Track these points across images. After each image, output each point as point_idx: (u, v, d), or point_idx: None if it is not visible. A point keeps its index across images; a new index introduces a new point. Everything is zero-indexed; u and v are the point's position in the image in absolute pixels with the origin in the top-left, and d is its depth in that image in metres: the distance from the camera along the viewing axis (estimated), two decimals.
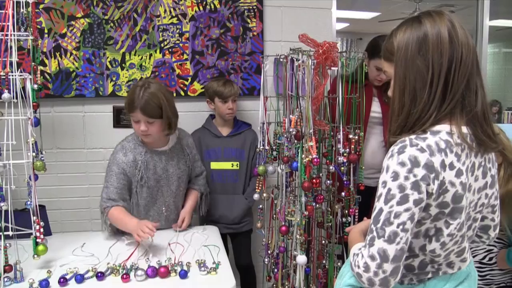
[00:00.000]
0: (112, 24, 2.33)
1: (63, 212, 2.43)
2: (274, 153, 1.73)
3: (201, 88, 2.44)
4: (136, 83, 1.83)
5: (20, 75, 1.41)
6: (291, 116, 1.54)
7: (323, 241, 1.80)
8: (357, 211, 1.69)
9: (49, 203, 2.00)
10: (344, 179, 1.63)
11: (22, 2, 1.52)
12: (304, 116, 1.51)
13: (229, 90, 2.18)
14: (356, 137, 1.64)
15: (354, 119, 1.67)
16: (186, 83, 2.43)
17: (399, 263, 0.86)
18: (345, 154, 1.60)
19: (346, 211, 1.69)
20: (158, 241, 1.71)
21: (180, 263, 1.45)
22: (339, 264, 1.77)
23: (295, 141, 1.54)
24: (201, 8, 2.41)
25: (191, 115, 2.48)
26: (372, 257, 0.86)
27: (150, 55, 2.38)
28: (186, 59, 2.41)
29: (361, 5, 5.50)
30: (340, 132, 1.60)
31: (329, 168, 1.66)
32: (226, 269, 1.46)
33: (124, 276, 1.35)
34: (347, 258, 1.72)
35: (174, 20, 2.39)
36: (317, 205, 1.61)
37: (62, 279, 1.33)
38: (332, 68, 1.55)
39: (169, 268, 1.40)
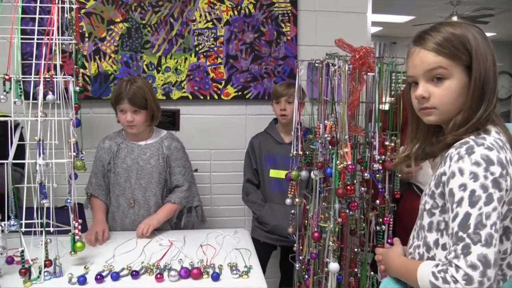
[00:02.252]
0: (149, 29, 2.39)
1: None
2: (308, 158, 1.72)
3: (234, 92, 2.46)
4: (122, 79, 2.01)
5: (64, 78, 1.46)
6: (326, 121, 1.53)
7: (356, 249, 1.77)
8: (391, 219, 1.66)
9: (82, 200, 2.07)
10: (379, 186, 1.61)
11: (66, 7, 1.57)
12: (339, 121, 1.50)
13: (282, 90, 2.14)
14: (393, 144, 1.61)
15: (391, 125, 1.64)
16: (220, 86, 2.46)
17: (497, 268, 0.82)
18: (380, 161, 1.58)
19: (380, 220, 1.66)
20: (190, 242, 1.74)
21: (212, 265, 1.47)
22: (372, 273, 1.74)
23: (330, 147, 1.53)
24: (236, 12, 2.43)
25: (223, 118, 2.51)
26: (474, 266, 0.80)
27: (185, 58, 2.42)
28: (220, 63, 2.44)
29: (396, 9, 5.41)
30: (376, 139, 1.57)
31: (363, 175, 1.63)
32: (258, 273, 1.46)
33: (158, 275, 1.38)
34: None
35: (209, 25, 2.42)
36: (351, 212, 1.59)
37: (98, 276, 1.36)
38: (369, 73, 1.53)
39: (202, 270, 1.41)
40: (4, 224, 1.39)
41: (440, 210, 0.96)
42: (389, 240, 1.66)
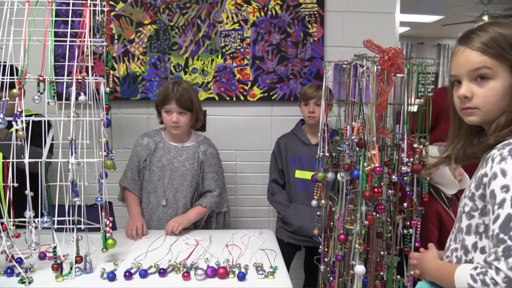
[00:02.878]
0: (176, 30, 2.43)
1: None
2: (334, 160, 1.71)
3: (260, 93, 2.47)
4: (168, 81, 2.07)
5: (95, 79, 1.49)
6: (353, 123, 1.52)
7: (382, 252, 1.75)
8: (419, 223, 1.63)
9: (114, 199, 2.11)
10: (407, 189, 1.58)
11: (98, 10, 1.61)
12: (367, 123, 1.48)
13: (311, 92, 2.14)
14: (421, 146, 1.58)
15: (420, 127, 1.61)
16: (246, 88, 2.47)
17: None
18: (409, 164, 1.55)
19: (408, 223, 1.64)
20: (216, 241, 1.75)
21: (238, 265, 1.48)
22: (398, 276, 1.71)
23: (357, 148, 1.52)
24: (262, 14, 2.44)
25: (249, 119, 2.52)
26: None
27: (212, 60, 2.45)
28: (247, 64, 2.45)
29: (424, 8, 5.31)
30: (404, 141, 1.55)
31: (391, 178, 1.61)
32: (283, 274, 1.46)
33: (185, 274, 1.39)
34: (407, 271, 1.67)
35: (236, 26, 2.44)
36: (377, 215, 1.57)
37: (127, 273, 1.39)
38: (398, 75, 1.51)
39: (228, 270, 1.42)
40: (38, 221, 1.43)
41: (480, 212, 0.94)
42: (416, 244, 1.63)
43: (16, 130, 1.39)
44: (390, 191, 1.66)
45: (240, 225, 2.47)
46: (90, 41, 1.54)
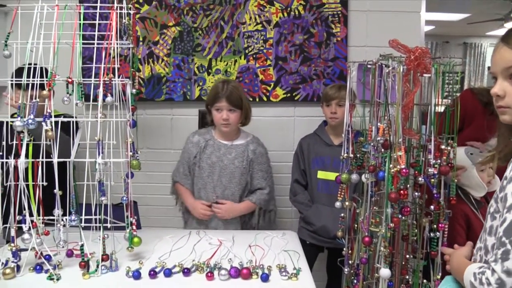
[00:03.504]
0: (200, 32, 2.44)
1: (150, 208, 2.59)
2: (359, 161, 1.69)
3: (283, 94, 2.47)
4: (217, 81, 2.16)
5: (122, 81, 1.52)
6: (379, 124, 1.50)
7: (407, 256, 1.72)
8: (446, 226, 1.59)
9: (138, 199, 2.14)
10: (434, 191, 1.55)
11: (124, 13, 1.64)
12: (392, 124, 1.46)
13: (332, 93, 2.14)
14: (449, 148, 1.55)
15: (447, 128, 1.58)
16: (269, 88, 2.47)
17: None
18: (436, 166, 1.52)
19: (435, 226, 1.60)
20: (239, 242, 1.75)
21: (261, 266, 1.48)
22: (424, 281, 1.68)
23: (382, 150, 1.49)
24: (285, 14, 2.44)
25: (272, 120, 2.52)
26: (508, 272, 0.81)
27: (235, 61, 2.46)
28: (270, 65, 2.45)
29: (450, 6, 5.20)
30: (431, 142, 1.52)
31: (417, 180, 1.58)
32: (306, 276, 1.45)
33: (209, 274, 1.40)
34: (433, 275, 1.64)
35: (259, 27, 2.44)
36: (403, 218, 1.55)
37: (152, 272, 1.41)
38: (425, 75, 1.48)
39: (251, 270, 1.42)
40: (66, 219, 1.47)
41: (500, 214, 0.94)
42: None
43: (46, 131, 1.42)
44: (416, 193, 1.63)
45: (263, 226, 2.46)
46: (117, 44, 1.56)
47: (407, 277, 1.72)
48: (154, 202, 2.60)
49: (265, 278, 1.39)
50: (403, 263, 1.73)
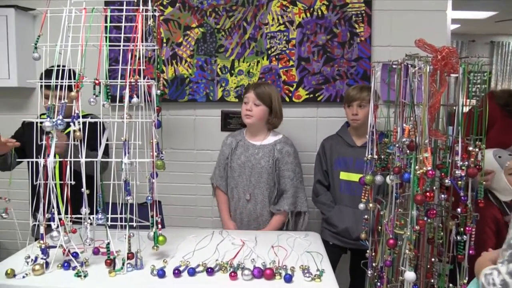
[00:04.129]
0: (223, 33, 2.46)
1: (173, 207, 2.62)
2: (383, 162, 1.67)
3: (306, 94, 2.46)
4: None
5: (147, 82, 1.54)
6: (404, 125, 1.48)
7: (433, 259, 1.69)
8: (473, 229, 1.56)
9: (161, 198, 2.17)
10: (461, 194, 1.52)
11: (150, 15, 1.66)
12: (418, 125, 1.43)
13: (354, 94, 2.13)
14: (477, 149, 1.52)
15: (475, 129, 1.54)
16: (291, 89, 2.46)
17: None
18: (463, 168, 1.49)
19: (462, 229, 1.57)
20: (262, 242, 1.76)
21: (284, 266, 1.47)
22: (450, 285, 1.64)
23: (408, 151, 1.47)
24: (308, 14, 2.43)
25: (294, 121, 2.51)
26: None
27: (258, 62, 2.46)
28: (292, 66, 2.45)
29: (477, 4, 5.07)
30: (459, 144, 1.49)
31: (444, 182, 1.55)
32: (330, 277, 1.44)
33: (232, 274, 1.41)
34: (459, 279, 1.60)
35: (282, 28, 2.44)
36: (429, 220, 1.52)
37: (176, 271, 1.42)
38: (452, 75, 1.45)
39: (274, 271, 1.42)
40: (93, 218, 1.50)
41: None
42: (470, 251, 1.56)
43: (74, 131, 1.46)
44: (442, 196, 1.60)
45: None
46: (142, 45, 1.59)
47: (432, 281, 1.69)
48: (177, 202, 2.63)
49: (288, 279, 1.39)
50: (428, 266, 1.70)
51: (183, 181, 2.60)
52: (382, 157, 1.71)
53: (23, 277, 1.40)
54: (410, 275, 1.44)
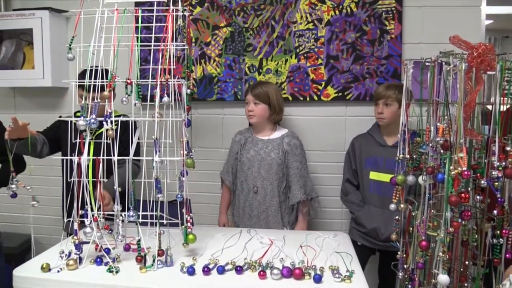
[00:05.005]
0: (251, 32, 2.46)
1: (201, 205, 2.64)
2: (415, 162, 1.63)
3: (335, 93, 2.43)
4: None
5: (178, 81, 1.55)
6: (438, 124, 1.44)
7: (467, 262, 1.64)
8: (511, 232, 1.50)
9: (189, 196, 2.18)
10: (498, 195, 1.47)
11: (180, 15, 1.67)
12: (453, 124, 1.39)
13: (379, 92, 2.11)
14: None
15: None
16: (320, 87, 2.44)
17: None
18: (500, 168, 1.44)
19: (498, 232, 1.52)
20: (290, 242, 1.75)
21: (313, 267, 1.46)
22: None
23: (442, 151, 1.43)
24: (337, 12, 2.40)
25: (323, 119, 2.49)
26: None
27: (286, 60, 2.45)
28: (321, 64, 2.43)
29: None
30: (495, 144, 1.44)
31: (480, 183, 1.50)
32: (360, 279, 1.42)
33: (261, 273, 1.40)
34: (495, 283, 1.55)
35: (310, 26, 2.42)
36: (463, 222, 1.48)
37: (206, 268, 1.43)
38: (488, 72, 1.41)
39: (304, 271, 1.41)
40: (124, 215, 1.53)
41: None
42: (507, 255, 1.51)
43: (106, 130, 1.49)
44: (477, 197, 1.55)
45: (313, 226, 2.45)
46: (173, 45, 1.60)
47: (466, 284, 1.64)
48: (205, 200, 2.65)
49: (318, 279, 1.37)
50: (462, 270, 1.65)
51: (210, 180, 2.62)
52: (414, 156, 1.67)
53: (58, 271, 1.43)
54: (443, 278, 1.40)
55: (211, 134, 2.61)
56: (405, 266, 1.71)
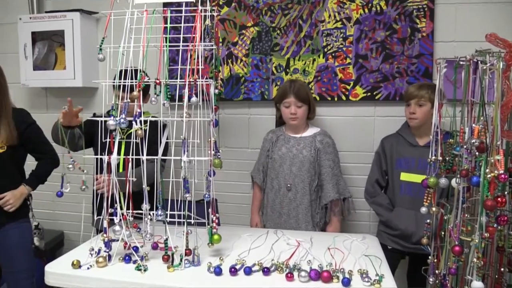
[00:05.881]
0: (278, 31, 2.44)
1: (227, 205, 2.65)
2: (448, 164, 1.58)
3: (363, 93, 2.39)
4: (285, 81, 2.30)
5: (206, 81, 1.56)
6: (473, 125, 1.39)
7: (502, 269, 1.58)
8: None
9: (216, 196, 2.19)
10: None
11: (208, 15, 1.68)
12: (489, 125, 1.34)
13: (412, 91, 2.06)
14: None
15: None
16: (348, 87, 2.40)
17: None
18: None
19: None
20: (318, 244, 1.73)
21: (341, 270, 1.44)
22: None
23: (477, 153, 1.38)
24: (366, 10, 2.36)
25: (351, 119, 2.45)
26: None
27: (314, 60, 2.42)
28: (349, 63, 2.39)
29: None
30: None
31: None
32: (390, 283, 1.39)
33: (289, 275, 1.39)
34: None
35: (338, 25, 2.39)
36: (499, 227, 1.42)
37: (232, 269, 1.43)
38: None
39: (332, 274, 1.39)
40: (153, 214, 1.54)
41: None
42: None
43: (136, 129, 1.50)
44: None
45: (340, 228, 2.41)
46: (201, 45, 1.61)
47: None
48: (231, 200, 2.65)
49: (346, 282, 1.35)
50: (497, 276, 1.59)
51: (237, 180, 2.62)
52: (447, 158, 1.62)
53: (88, 268, 1.46)
54: (477, 285, 1.35)
55: (238, 134, 2.61)
56: (436, 271, 1.66)
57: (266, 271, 1.43)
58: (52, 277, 1.46)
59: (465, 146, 1.43)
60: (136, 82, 1.56)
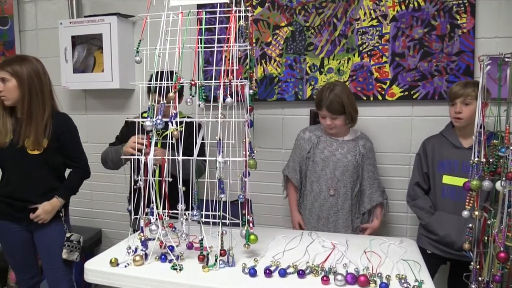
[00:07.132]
0: (312, 31, 2.42)
1: (261, 206, 2.65)
2: (492, 166, 1.51)
3: (400, 92, 2.33)
4: (324, 85, 2.13)
5: (241, 82, 1.55)
6: None
7: None
8: None
9: (250, 197, 2.19)
10: None
11: (242, 16, 1.67)
12: None
13: (457, 90, 1.97)
14: None
15: None
16: (384, 86, 2.35)
17: None
18: None
19: None
20: (353, 247, 1.69)
21: (379, 274, 1.40)
22: None
23: None
24: (403, 7, 2.30)
25: (387, 120, 2.39)
26: None
27: (348, 59, 2.38)
28: (385, 62, 2.33)
29: None
30: None
31: None
32: None
33: (324, 278, 1.37)
34: None
35: (374, 22, 2.34)
36: None
37: (267, 270, 1.42)
38: None
39: (369, 278, 1.36)
40: (188, 214, 1.55)
41: None
42: None
43: (171, 130, 1.52)
44: None
45: (376, 231, 2.36)
46: (236, 46, 1.61)
47: None
48: (265, 201, 2.65)
49: (384, 287, 1.31)
50: None
51: (271, 180, 2.61)
52: (491, 160, 1.55)
53: (125, 266, 1.49)
54: None
55: (272, 134, 2.60)
56: (479, 278, 1.59)
57: (301, 273, 1.41)
58: (92, 274, 1.50)
59: (511, 147, 1.37)
60: (172, 83, 1.58)
